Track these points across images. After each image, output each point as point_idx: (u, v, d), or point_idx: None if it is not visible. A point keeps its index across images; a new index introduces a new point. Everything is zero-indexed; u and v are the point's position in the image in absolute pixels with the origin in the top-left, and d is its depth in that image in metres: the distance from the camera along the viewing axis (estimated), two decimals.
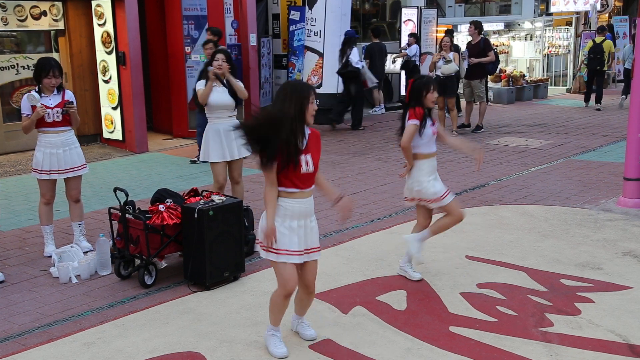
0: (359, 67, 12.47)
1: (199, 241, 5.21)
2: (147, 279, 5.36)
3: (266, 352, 4.24)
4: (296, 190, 4.02)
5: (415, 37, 14.69)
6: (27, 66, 10.57)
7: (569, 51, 18.96)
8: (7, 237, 6.67)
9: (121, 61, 10.59)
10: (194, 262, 5.25)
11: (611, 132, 12.13)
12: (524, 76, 17.46)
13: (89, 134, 11.34)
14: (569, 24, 19.60)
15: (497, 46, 18.26)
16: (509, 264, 5.71)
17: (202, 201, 5.38)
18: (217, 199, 5.40)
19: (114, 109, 10.97)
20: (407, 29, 15.55)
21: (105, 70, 10.90)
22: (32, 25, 10.64)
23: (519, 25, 18.98)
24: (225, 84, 6.51)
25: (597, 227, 6.68)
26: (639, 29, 7.69)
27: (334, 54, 13.10)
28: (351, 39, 12.65)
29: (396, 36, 16.37)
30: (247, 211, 6.08)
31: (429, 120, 5.12)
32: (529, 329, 4.55)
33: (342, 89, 12.75)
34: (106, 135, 11.28)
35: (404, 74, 14.99)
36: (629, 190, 7.36)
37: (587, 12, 19.50)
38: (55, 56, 10.65)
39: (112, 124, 11.09)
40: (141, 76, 10.83)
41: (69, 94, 6.04)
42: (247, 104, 12.21)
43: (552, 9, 20.12)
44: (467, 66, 12.13)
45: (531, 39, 19.11)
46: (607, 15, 21.84)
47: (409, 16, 15.79)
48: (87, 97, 11.19)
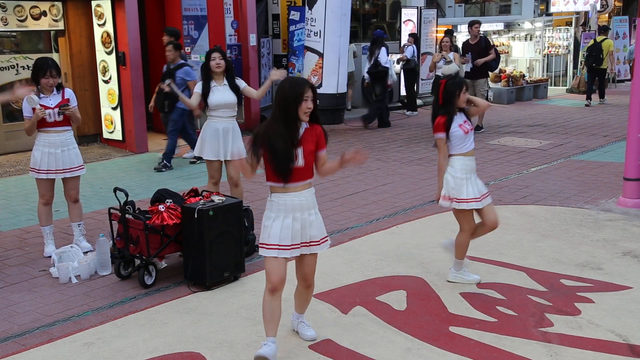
0: (387, 66, 12.77)
1: (199, 241, 5.21)
2: (147, 279, 5.36)
3: None
4: (285, 184, 3.99)
5: (413, 38, 14.69)
6: (27, 66, 10.56)
7: (569, 51, 18.96)
8: (7, 237, 6.67)
9: (121, 61, 10.59)
10: (194, 262, 5.24)
11: (611, 132, 12.13)
12: (524, 76, 17.47)
13: (89, 134, 11.34)
14: (569, 24, 19.61)
15: (497, 46, 18.28)
16: (509, 264, 5.71)
17: (202, 201, 5.38)
18: (217, 199, 5.41)
19: (114, 109, 10.96)
20: (407, 29, 15.55)
21: (105, 70, 10.89)
22: (32, 25, 10.64)
23: (519, 25, 18.98)
24: (225, 81, 6.52)
25: (597, 227, 6.68)
26: (639, 29, 7.69)
27: (334, 54, 13.10)
28: (379, 39, 12.99)
29: (396, 36, 16.36)
30: (247, 211, 6.08)
31: (459, 120, 5.05)
32: (529, 329, 4.55)
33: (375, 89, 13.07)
34: (106, 135, 11.28)
35: (402, 75, 14.98)
36: (628, 190, 7.36)
37: (587, 13, 19.52)
38: (55, 56, 10.65)
39: (112, 124, 11.09)
40: (141, 76, 10.82)
41: (69, 93, 6.04)
42: (247, 104, 12.25)
43: (552, 9, 20.14)
44: (471, 67, 12.06)
45: (531, 39, 19.12)
46: (607, 15, 21.85)
47: (408, 16, 15.79)
48: (87, 97, 11.18)
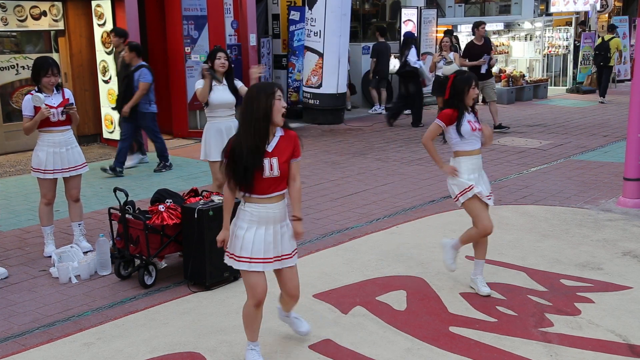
0: (417, 66, 12.87)
1: (198, 241, 5.21)
2: (147, 279, 5.36)
3: (266, 352, 4.23)
4: (259, 195, 3.82)
5: (412, 38, 14.65)
6: (27, 66, 10.56)
7: (569, 51, 18.96)
8: (7, 237, 6.67)
9: None
10: (193, 262, 5.24)
11: (611, 132, 12.13)
12: (524, 76, 17.47)
13: (89, 134, 11.34)
14: (569, 24, 19.62)
15: (497, 46, 18.29)
16: (509, 264, 5.71)
17: (202, 201, 5.38)
18: (217, 199, 5.41)
19: (114, 109, 10.94)
20: (407, 29, 15.54)
21: (105, 70, 10.89)
22: (32, 25, 10.64)
23: (519, 25, 18.99)
24: (225, 81, 6.55)
25: (597, 227, 6.68)
26: (639, 29, 7.69)
27: (334, 54, 13.12)
28: (409, 40, 13.12)
29: (396, 36, 16.37)
30: None
31: (468, 116, 4.98)
32: (529, 329, 4.55)
33: (401, 88, 13.17)
34: (106, 135, 11.28)
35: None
36: (628, 190, 7.36)
37: (587, 13, 19.52)
38: (55, 56, 10.65)
39: (112, 124, 11.08)
40: None
41: (68, 92, 6.06)
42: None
43: (552, 9, 20.14)
44: (486, 69, 11.94)
45: (531, 39, 19.13)
46: (606, 15, 21.85)
47: (408, 16, 15.79)
48: (87, 97, 11.19)
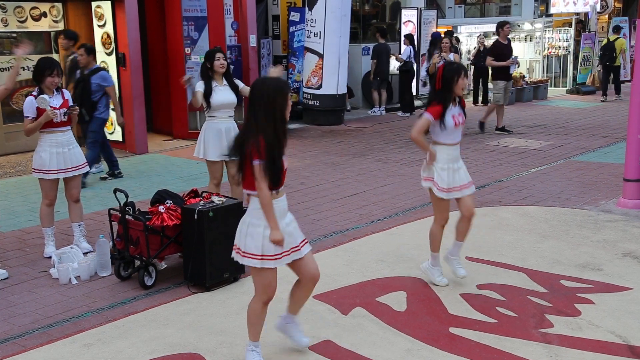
0: None
1: (199, 242, 5.21)
2: (147, 280, 5.36)
3: (266, 353, 4.23)
4: (275, 190, 3.84)
5: (408, 39, 14.66)
6: (26, 67, 10.55)
7: (569, 52, 18.97)
8: (7, 238, 6.67)
9: (121, 62, 10.59)
10: (194, 263, 5.24)
11: (611, 133, 12.13)
12: (524, 77, 17.48)
13: None
14: (568, 24, 19.63)
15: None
16: (509, 265, 5.71)
17: (202, 202, 5.38)
18: (217, 200, 5.41)
19: (114, 110, 10.94)
20: (407, 30, 15.56)
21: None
22: (32, 26, 10.64)
23: (519, 26, 18.98)
24: (225, 81, 6.57)
25: (597, 228, 6.68)
26: (639, 29, 7.69)
27: (334, 55, 13.12)
28: (437, 40, 13.16)
29: (396, 37, 16.37)
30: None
31: (453, 110, 5.00)
32: (529, 330, 4.55)
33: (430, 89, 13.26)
34: (106, 136, 11.25)
35: (399, 76, 14.99)
36: (628, 191, 7.36)
37: (587, 14, 19.53)
38: (55, 57, 10.64)
39: (112, 125, 11.07)
40: (141, 77, 10.82)
41: (67, 94, 6.10)
42: (247, 105, 12.23)
43: (552, 10, 20.14)
44: (515, 69, 12.00)
45: (531, 40, 19.13)
46: (606, 16, 21.86)
47: (408, 17, 15.79)
48: None
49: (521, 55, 19.03)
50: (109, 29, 10.62)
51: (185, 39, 11.62)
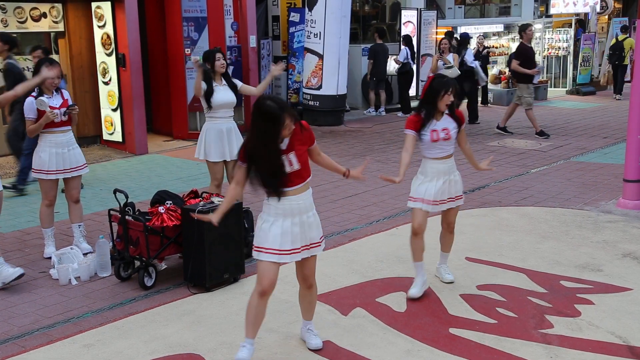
0: (473, 66, 13.29)
1: (198, 243, 5.20)
2: (146, 281, 5.36)
3: (266, 354, 4.23)
4: (284, 189, 3.92)
5: (405, 40, 14.62)
6: (26, 68, 10.56)
7: (569, 53, 18.97)
8: (6, 239, 6.67)
9: (121, 63, 10.60)
10: (193, 263, 5.24)
11: (611, 134, 12.13)
12: None
13: (89, 136, 11.33)
14: (568, 25, 19.63)
15: (496, 47, 18.29)
16: (509, 266, 5.71)
17: (201, 203, 5.38)
18: (217, 200, 5.41)
19: (114, 110, 10.97)
20: (406, 31, 15.55)
21: (105, 72, 10.90)
22: (32, 27, 10.64)
23: (519, 26, 18.97)
24: (224, 81, 6.58)
25: (597, 228, 6.68)
26: (639, 30, 7.69)
27: (334, 55, 13.12)
28: (465, 40, 13.63)
29: (396, 38, 16.37)
30: (247, 213, 6.08)
31: (435, 124, 4.87)
32: (529, 330, 4.55)
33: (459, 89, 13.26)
34: (106, 137, 11.28)
35: (397, 77, 14.98)
36: (628, 191, 7.36)
37: (587, 14, 19.53)
38: (55, 58, 10.64)
39: (112, 125, 11.09)
40: (141, 78, 10.83)
41: (67, 94, 6.10)
42: (247, 105, 12.25)
43: (552, 11, 20.13)
44: (538, 78, 11.90)
45: (531, 41, 19.09)
46: (606, 17, 21.85)
47: (408, 18, 15.78)
48: (87, 98, 11.19)
49: (473, 58, 19.01)
50: (109, 30, 10.62)
51: (185, 39, 11.63)
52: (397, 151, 10.82)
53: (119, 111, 10.87)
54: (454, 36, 15.25)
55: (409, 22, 15.76)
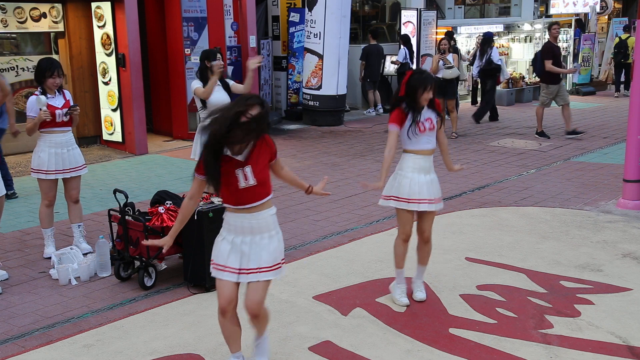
0: (499, 63, 13.60)
1: (198, 243, 5.20)
2: (146, 281, 5.36)
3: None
4: (234, 206, 3.68)
5: (404, 40, 14.59)
6: (26, 68, 10.57)
7: (568, 53, 18.97)
8: (6, 239, 6.67)
9: (121, 63, 10.60)
10: (193, 263, 5.24)
11: (611, 134, 12.13)
12: (524, 78, 17.48)
13: (89, 136, 11.33)
14: (569, 25, 19.64)
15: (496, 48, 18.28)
16: (509, 266, 5.71)
17: (201, 203, 5.38)
18: (216, 200, 5.40)
19: (114, 110, 10.96)
20: (406, 31, 15.55)
21: (105, 72, 10.89)
22: (32, 27, 10.64)
23: (519, 27, 18.98)
24: (221, 82, 6.59)
25: (596, 228, 6.68)
26: (638, 30, 7.69)
27: (334, 55, 13.13)
28: (490, 39, 13.79)
29: (396, 38, 16.37)
30: None
31: (421, 115, 4.74)
32: (529, 330, 4.55)
33: (483, 87, 13.88)
34: (106, 137, 11.28)
35: (397, 78, 14.99)
36: (628, 192, 7.37)
37: (586, 14, 19.54)
38: (54, 58, 10.65)
39: (111, 125, 11.09)
40: (141, 78, 10.83)
41: (68, 94, 6.11)
42: None
43: (552, 11, 20.15)
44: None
45: (530, 41, 19.11)
46: (606, 17, 21.86)
47: (408, 18, 15.78)
48: (87, 99, 11.18)
49: (520, 56, 19.05)
50: (109, 30, 10.62)
51: (185, 39, 11.62)
52: (397, 151, 10.81)
53: (118, 111, 10.87)
54: (479, 38, 15.51)
55: (408, 22, 15.75)
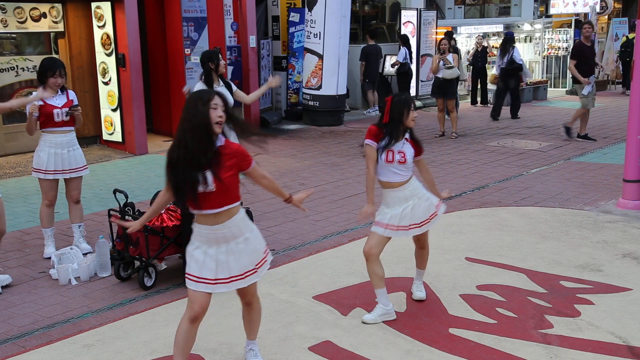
0: (521, 63, 14.07)
1: None
2: (146, 281, 5.36)
3: (266, 354, 4.23)
4: (193, 210, 3.59)
5: (403, 40, 14.59)
6: (26, 68, 10.57)
7: (568, 53, 18.98)
8: (6, 239, 6.64)
9: (121, 63, 10.60)
10: None
11: (611, 134, 12.13)
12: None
13: (89, 136, 11.33)
14: (567, 25, 19.66)
15: (496, 47, 18.26)
16: (509, 266, 5.71)
17: None
18: None
19: (114, 110, 10.97)
20: (406, 31, 15.56)
21: (105, 72, 10.90)
22: (32, 27, 10.64)
23: (519, 27, 19.00)
24: (221, 82, 6.60)
25: (596, 228, 6.68)
26: (638, 30, 7.69)
27: (334, 55, 13.13)
28: (512, 39, 14.33)
29: (396, 38, 16.38)
30: (247, 213, 6.07)
31: (395, 145, 4.61)
32: (529, 330, 4.55)
33: (499, 84, 14.32)
34: (106, 137, 11.28)
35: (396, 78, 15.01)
36: (628, 192, 7.37)
37: (586, 14, 19.55)
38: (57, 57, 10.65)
39: (111, 125, 11.09)
40: (141, 78, 10.83)
41: (72, 94, 6.08)
42: (246, 106, 12.26)
43: (552, 11, 20.16)
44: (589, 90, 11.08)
45: (530, 41, 19.13)
46: (606, 17, 21.87)
47: (408, 18, 15.79)
48: (87, 99, 11.18)
49: (520, 56, 19.05)
50: (109, 30, 10.62)
51: (185, 39, 11.62)
52: None
53: (118, 111, 10.87)
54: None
55: (408, 22, 15.77)
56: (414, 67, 15.03)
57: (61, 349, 4.41)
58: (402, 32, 15.53)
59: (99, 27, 10.80)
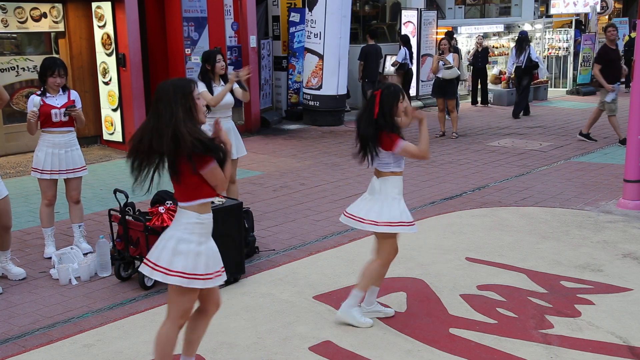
0: (538, 61, 14.35)
1: None
2: (147, 281, 5.36)
3: (266, 354, 4.23)
4: (207, 199, 3.61)
5: (403, 40, 14.59)
6: (27, 68, 10.57)
7: (569, 53, 18.98)
8: None
9: (121, 63, 10.60)
10: None
11: (611, 134, 12.12)
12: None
13: (89, 136, 11.33)
14: (567, 25, 19.66)
15: (496, 47, 18.29)
16: (509, 266, 5.71)
17: None
18: (216, 200, 5.40)
19: (114, 110, 10.97)
20: (406, 31, 15.56)
21: (105, 72, 10.90)
22: (32, 27, 10.64)
23: (519, 27, 18.99)
24: (222, 82, 6.61)
25: (597, 228, 6.68)
26: (639, 30, 7.70)
27: (334, 55, 13.13)
28: (526, 38, 14.62)
29: (396, 38, 16.38)
30: (247, 213, 6.08)
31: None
32: (529, 330, 4.55)
33: (517, 82, 14.63)
34: (106, 137, 11.28)
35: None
36: (629, 192, 7.37)
37: (587, 14, 19.57)
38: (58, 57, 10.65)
39: (112, 125, 11.09)
40: (141, 78, 10.83)
41: (74, 94, 6.07)
42: (247, 106, 12.27)
43: (552, 11, 20.16)
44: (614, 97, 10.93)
45: (531, 41, 19.11)
46: (607, 17, 21.87)
47: (408, 18, 15.79)
48: (87, 98, 11.17)
49: (537, 54, 19.06)
50: (109, 30, 10.62)
51: (185, 39, 11.63)
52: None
53: (119, 111, 10.87)
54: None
55: (409, 22, 15.76)
56: (414, 67, 15.02)
57: (61, 349, 4.41)
58: (402, 32, 15.52)
59: (99, 27, 10.81)
